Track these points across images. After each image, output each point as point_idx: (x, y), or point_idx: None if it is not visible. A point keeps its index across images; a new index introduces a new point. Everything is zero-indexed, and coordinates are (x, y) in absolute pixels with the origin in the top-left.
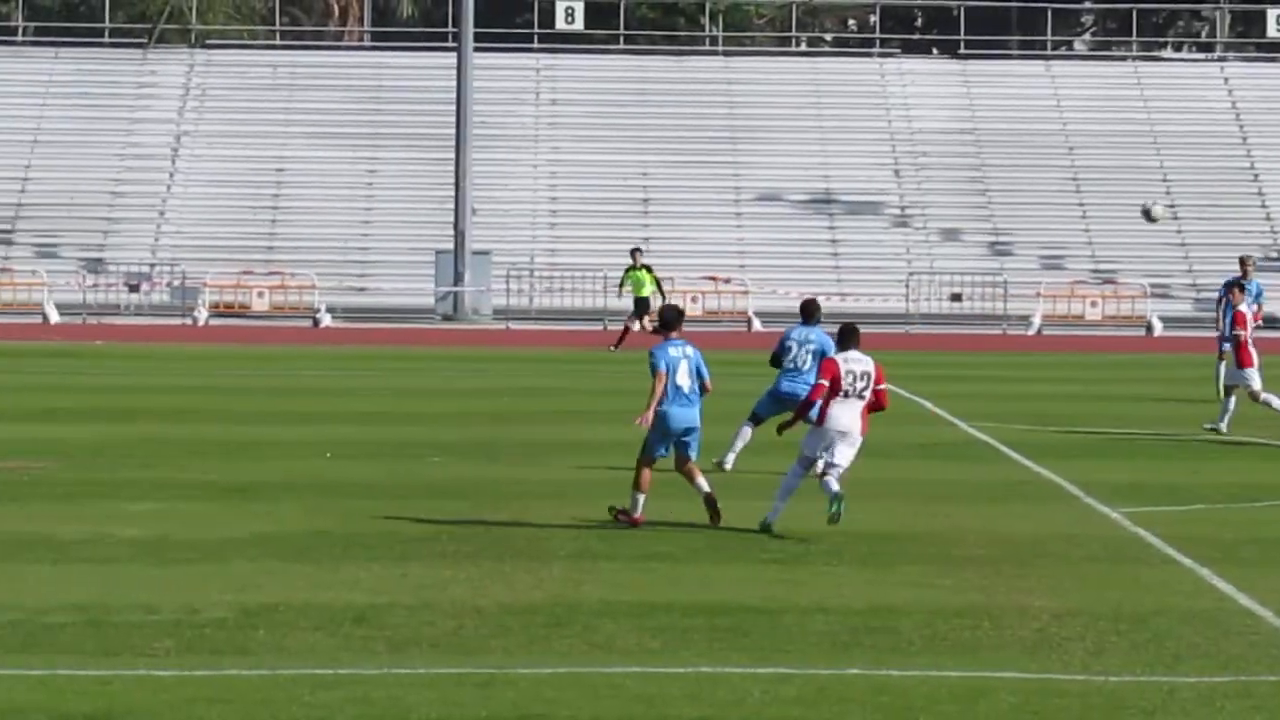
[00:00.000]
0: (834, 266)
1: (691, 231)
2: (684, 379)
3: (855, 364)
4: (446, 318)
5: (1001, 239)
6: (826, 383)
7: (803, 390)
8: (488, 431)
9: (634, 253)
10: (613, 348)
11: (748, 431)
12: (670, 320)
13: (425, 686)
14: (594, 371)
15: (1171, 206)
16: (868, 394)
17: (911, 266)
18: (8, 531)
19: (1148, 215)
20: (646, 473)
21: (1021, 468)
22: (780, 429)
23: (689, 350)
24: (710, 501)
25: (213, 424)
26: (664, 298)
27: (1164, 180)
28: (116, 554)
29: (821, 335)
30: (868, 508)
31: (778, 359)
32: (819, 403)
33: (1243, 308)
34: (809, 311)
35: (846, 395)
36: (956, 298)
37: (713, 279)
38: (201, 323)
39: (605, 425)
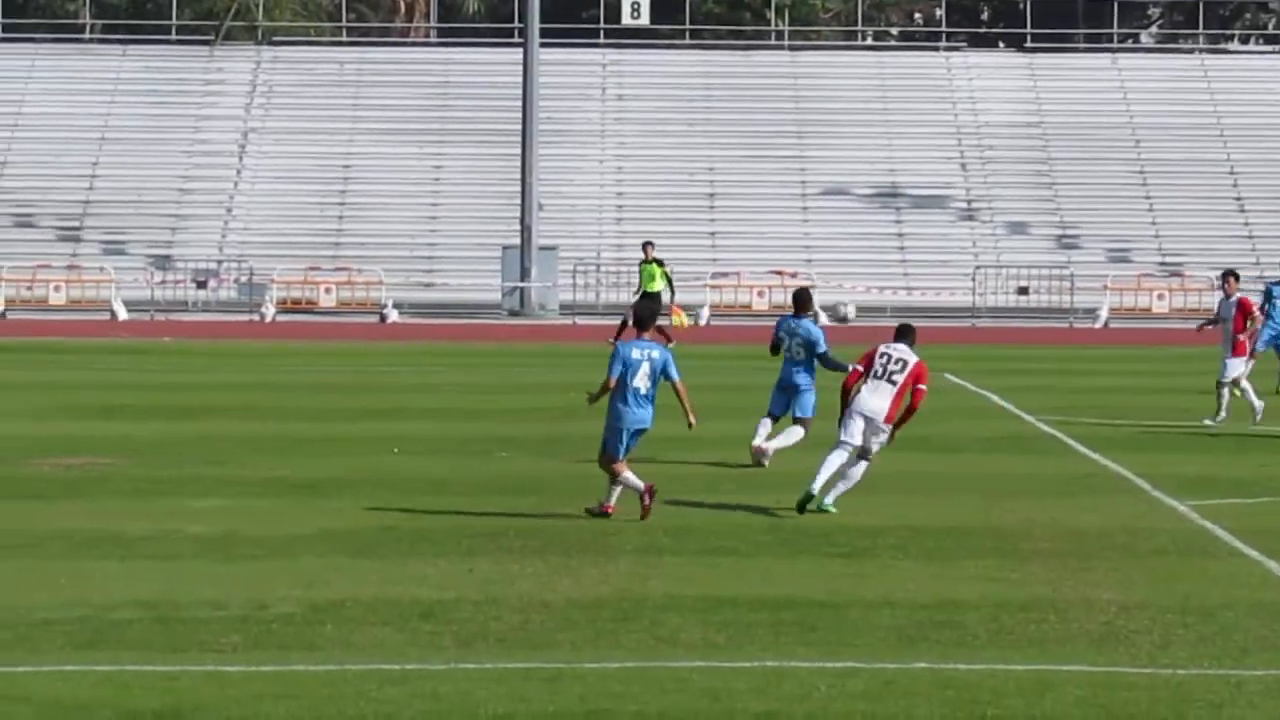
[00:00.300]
0: (900, 260)
1: (758, 226)
2: (641, 381)
3: (894, 351)
4: (513, 313)
5: (1068, 232)
6: (861, 368)
7: (798, 376)
8: (554, 427)
9: (646, 246)
10: (610, 340)
11: (767, 423)
12: (642, 319)
13: (492, 681)
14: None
15: (1238, 200)
16: (899, 379)
17: (978, 260)
18: (75, 528)
19: None
20: (617, 467)
21: (1088, 461)
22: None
23: (653, 353)
24: (649, 492)
25: (280, 420)
26: (674, 294)
27: (1230, 173)
28: (183, 550)
29: (809, 327)
30: (933, 501)
31: (775, 348)
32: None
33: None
34: (800, 302)
35: (876, 376)
36: (1023, 291)
37: (779, 273)
38: (269, 319)
39: (669, 421)
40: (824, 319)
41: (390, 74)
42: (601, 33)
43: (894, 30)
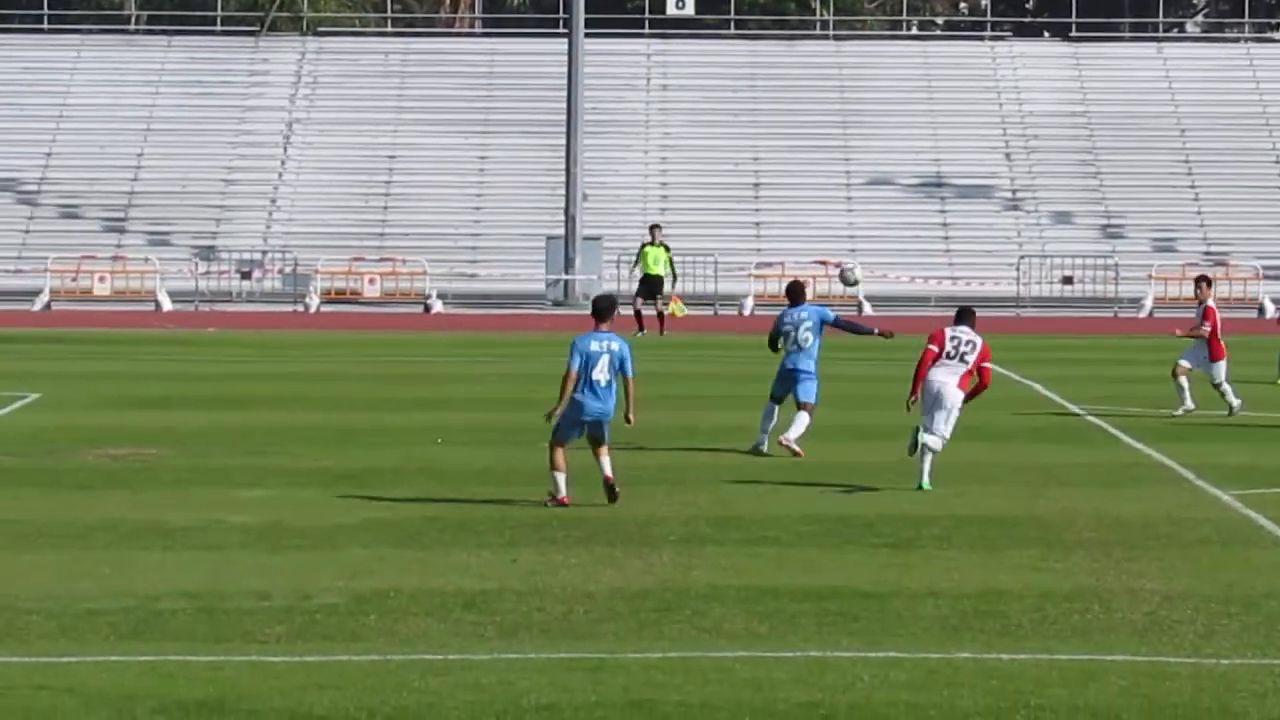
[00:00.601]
0: (945, 250)
1: (802, 216)
2: (600, 373)
3: (963, 333)
4: (557, 303)
5: (1113, 222)
6: (936, 349)
7: (802, 362)
8: None
9: (653, 229)
10: (641, 332)
11: (773, 410)
12: (601, 311)
13: (535, 672)
14: (704, 356)
15: None
16: (970, 359)
17: (1023, 250)
18: (120, 518)
19: (844, 278)
20: (559, 453)
21: (1133, 450)
22: (909, 404)
23: (613, 345)
24: (608, 484)
25: (324, 411)
26: (676, 279)
27: (1276, 162)
28: (228, 540)
29: (813, 309)
30: (979, 491)
31: (774, 342)
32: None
33: (1211, 303)
34: (795, 293)
35: (949, 357)
36: (1068, 280)
37: (823, 263)
38: (313, 310)
39: (716, 410)
40: (868, 309)
41: (435, 64)
42: (646, 23)
43: (939, 20)
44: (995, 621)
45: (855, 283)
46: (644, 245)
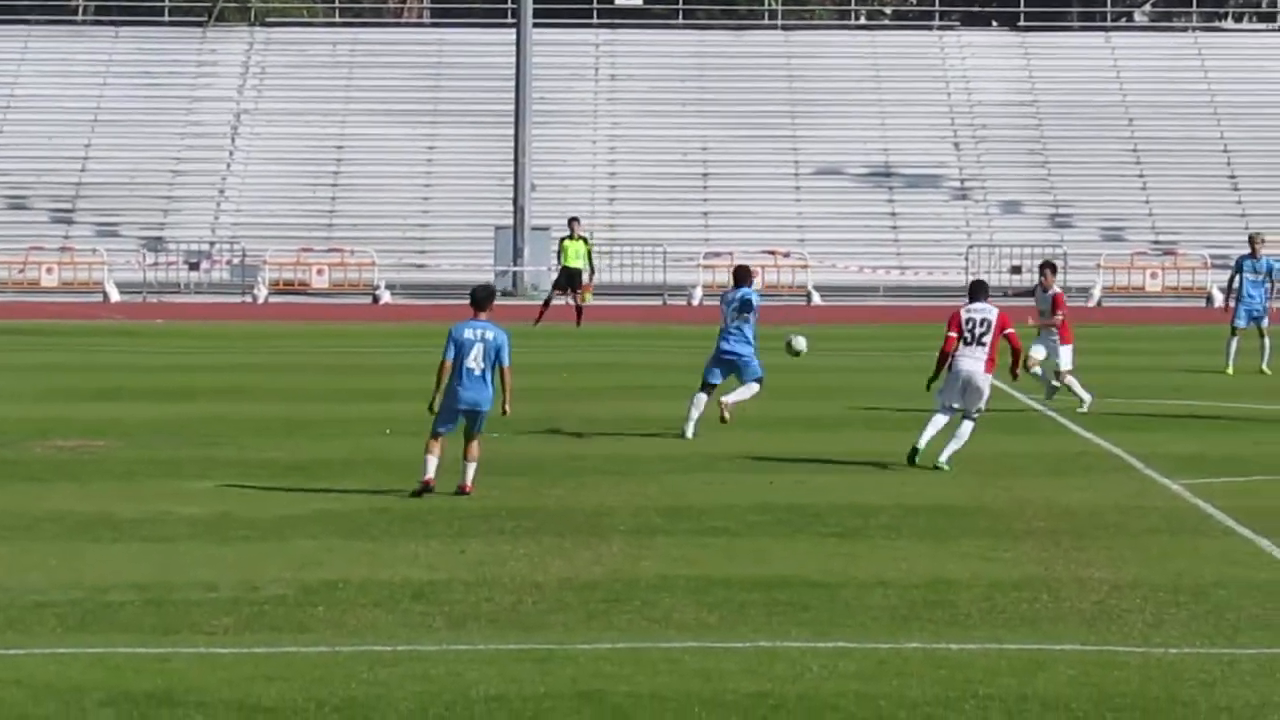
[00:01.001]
0: (893, 240)
1: (751, 206)
2: (475, 361)
3: (976, 313)
4: (506, 294)
5: (1061, 211)
6: (955, 334)
7: (735, 345)
8: (546, 407)
9: (571, 222)
10: (537, 323)
11: (701, 399)
12: (479, 300)
13: (484, 663)
14: (653, 346)
15: (1232, 178)
16: (987, 339)
17: (971, 239)
18: (68, 510)
19: (790, 349)
20: (435, 442)
21: (1082, 439)
22: (929, 383)
23: (487, 334)
24: (460, 489)
25: (273, 402)
26: (593, 273)
27: (1224, 151)
28: (176, 532)
29: (744, 290)
30: (927, 480)
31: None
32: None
33: (1058, 289)
34: (737, 276)
35: (968, 342)
36: (1016, 270)
37: (772, 253)
38: (261, 301)
39: (665, 400)
40: (817, 299)
41: (383, 55)
42: (595, 13)
43: (887, 10)
44: (944, 611)
45: (798, 353)
46: (563, 239)
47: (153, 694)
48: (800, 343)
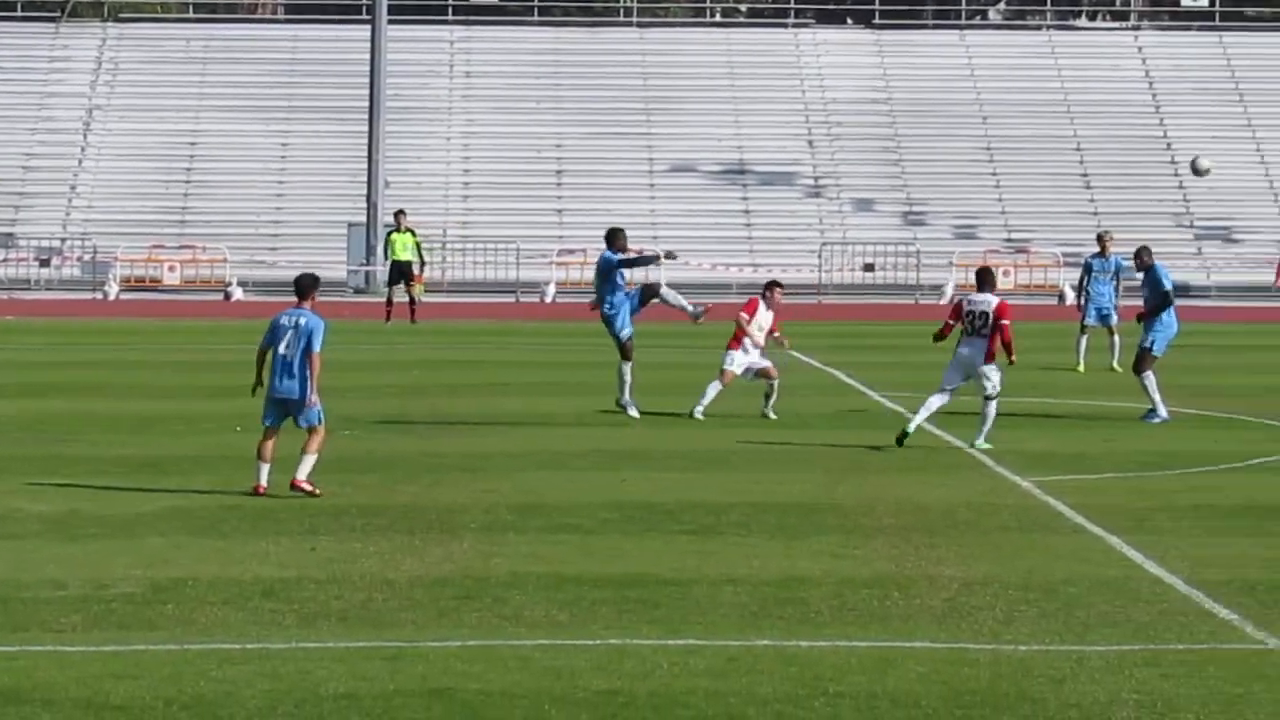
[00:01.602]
0: (747, 237)
1: (605, 203)
2: (287, 348)
3: (975, 305)
4: (359, 291)
5: (915, 209)
6: (954, 321)
7: (608, 308)
8: (399, 404)
9: (398, 215)
10: (387, 322)
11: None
12: (301, 287)
13: (334, 660)
14: (506, 344)
15: (1084, 176)
16: (986, 331)
17: (824, 237)
18: None
19: (1195, 169)
20: (266, 445)
21: (933, 437)
22: (937, 337)
23: (301, 320)
24: (292, 484)
25: (124, 399)
26: (424, 265)
27: (1077, 149)
28: (25, 530)
29: (604, 256)
30: (779, 478)
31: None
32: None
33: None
34: (611, 240)
35: (968, 332)
36: (869, 268)
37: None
38: (112, 297)
39: (518, 397)
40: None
41: (237, 51)
42: (450, 10)
43: (743, 8)
44: (795, 608)
45: (1205, 170)
46: (390, 232)
47: (0, 692)
48: (1205, 162)
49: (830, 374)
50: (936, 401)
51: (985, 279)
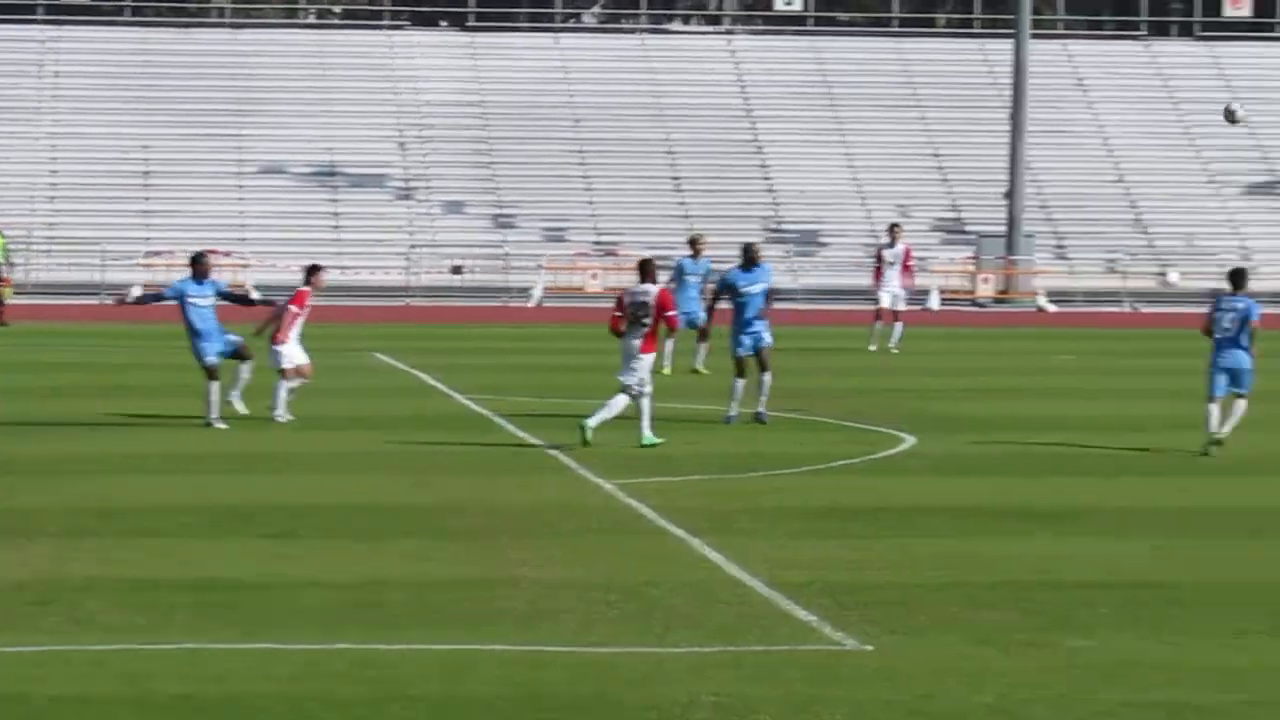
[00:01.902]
0: (335, 240)
1: (193, 204)
2: None
3: (637, 295)
4: None
5: (505, 211)
6: (621, 314)
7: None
8: None
9: None
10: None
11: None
12: None
13: None
14: (90, 345)
15: (675, 179)
16: (648, 322)
17: (414, 239)
18: None
19: (1230, 116)
20: None
21: (517, 439)
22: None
23: None
24: None
25: None
26: (12, 266)
27: (668, 153)
28: None
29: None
30: (364, 480)
31: None
32: None
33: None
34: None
35: (631, 323)
36: (457, 270)
37: (212, 251)
38: None
39: (103, 399)
40: (256, 296)
41: None
42: (41, 9)
43: (337, 9)
44: (376, 612)
45: (1240, 119)
46: None
47: None
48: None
49: (414, 375)
50: (620, 403)
51: (646, 270)
